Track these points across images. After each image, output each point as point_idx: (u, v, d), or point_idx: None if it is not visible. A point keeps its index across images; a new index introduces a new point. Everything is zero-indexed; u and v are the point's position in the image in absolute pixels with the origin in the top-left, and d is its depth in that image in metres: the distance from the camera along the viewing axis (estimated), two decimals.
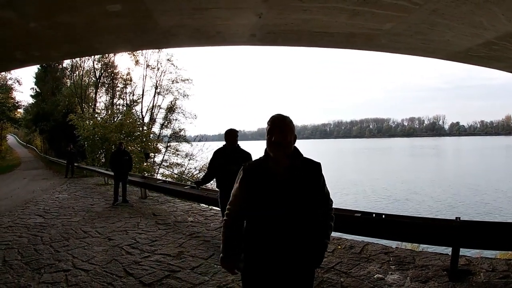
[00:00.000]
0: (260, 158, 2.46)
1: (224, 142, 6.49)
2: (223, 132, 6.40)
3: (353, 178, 38.03)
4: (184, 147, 32.89)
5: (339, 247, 6.86)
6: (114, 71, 33.31)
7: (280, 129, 2.34)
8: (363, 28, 6.61)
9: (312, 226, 2.41)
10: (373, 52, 8.46)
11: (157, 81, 32.07)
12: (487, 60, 10.14)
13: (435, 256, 6.05)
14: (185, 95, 31.89)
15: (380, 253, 6.39)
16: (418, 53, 8.99)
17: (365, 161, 65.30)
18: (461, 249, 5.14)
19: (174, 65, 31.63)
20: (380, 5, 5.57)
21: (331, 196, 2.70)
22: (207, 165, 7.30)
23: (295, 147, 2.47)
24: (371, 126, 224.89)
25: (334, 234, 6.63)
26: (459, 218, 5.23)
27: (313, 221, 2.42)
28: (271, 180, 2.31)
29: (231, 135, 6.32)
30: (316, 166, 2.51)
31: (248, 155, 6.13)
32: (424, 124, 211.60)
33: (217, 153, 6.42)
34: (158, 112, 32.76)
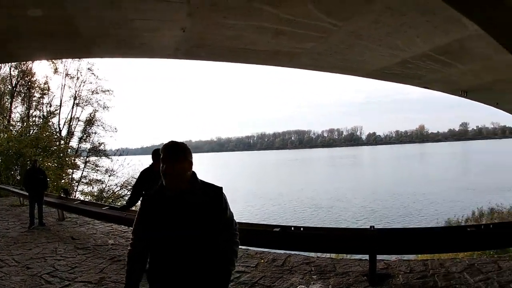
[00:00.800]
0: (159, 184, 2.43)
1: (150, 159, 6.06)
2: (145, 145, 5.95)
3: (278, 189, 38.98)
4: (104, 162, 30.87)
5: (262, 261, 6.88)
6: (32, 79, 30.28)
7: (169, 159, 2.32)
8: (287, 47, 6.77)
9: (214, 252, 2.36)
10: (297, 69, 8.74)
11: (76, 91, 29.70)
12: (402, 77, 11.13)
13: (354, 262, 6.31)
14: (105, 107, 30.03)
15: (302, 264, 6.49)
16: (338, 71, 9.52)
17: (289, 172, 67.54)
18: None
19: (94, 75, 29.60)
20: (301, 26, 5.76)
21: (235, 219, 2.63)
22: (130, 182, 6.72)
23: (193, 172, 2.42)
24: (293, 138, 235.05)
25: (256, 249, 6.85)
26: (373, 226, 5.64)
27: (215, 247, 2.37)
28: (167, 207, 2.29)
29: (159, 155, 5.80)
30: (217, 190, 2.46)
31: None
32: (343, 135, 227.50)
33: (144, 174, 5.96)
34: (77, 124, 30.37)
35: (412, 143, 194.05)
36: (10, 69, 29.73)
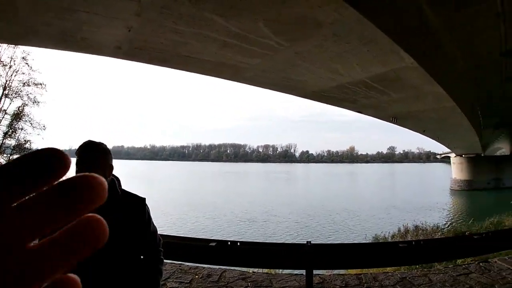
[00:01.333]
0: None
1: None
2: (75, 146, 5.33)
3: (213, 201, 38.41)
4: None
5: (197, 276, 6.63)
6: None
7: (82, 163, 1.93)
8: (232, 60, 6.78)
9: (136, 271, 2.10)
10: (239, 83, 8.76)
11: (7, 81, 26.64)
12: (338, 100, 11.68)
13: (290, 277, 6.24)
14: (35, 102, 27.29)
15: (238, 279, 6.34)
16: (279, 89, 9.73)
17: (224, 185, 67.03)
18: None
19: (28, 65, 26.84)
20: (249, 41, 5.80)
21: (159, 237, 2.33)
22: None
23: (112, 178, 2.10)
24: (228, 151, 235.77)
25: (191, 264, 6.59)
26: (310, 242, 5.70)
27: (137, 265, 2.12)
28: None
29: None
30: (140, 201, 2.20)
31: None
32: (278, 151, 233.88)
33: None
34: (3, 117, 27.22)
35: (343, 163, 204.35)
36: None
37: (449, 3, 8.80)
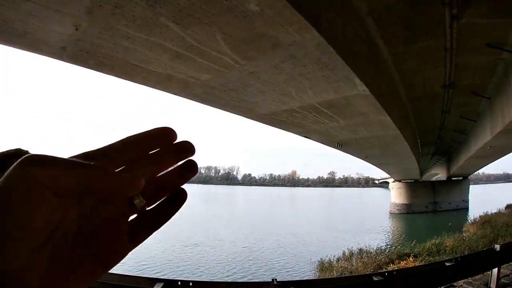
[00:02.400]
0: None
1: None
2: None
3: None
4: None
5: None
6: None
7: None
8: (182, 74, 6.49)
9: None
10: (187, 100, 8.43)
11: None
12: (287, 125, 11.72)
13: None
14: None
15: None
16: (229, 109, 9.51)
17: None
18: None
19: None
20: (203, 55, 5.58)
21: None
22: None
23: None
24: None
25: None
26: (276, 279, 5.28)
27: None
28: None
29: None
30: None
31: None
32: (220, 173, 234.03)
33: None
34: None
35: (284, 186, 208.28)
36: None
37: (400, 37, 9.29)
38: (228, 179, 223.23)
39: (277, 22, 4.54)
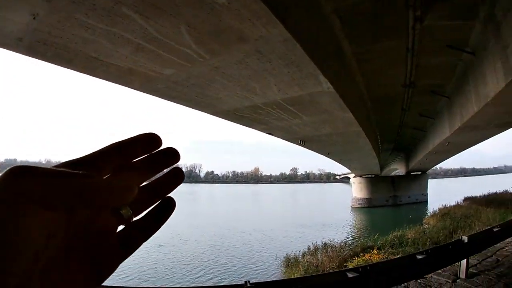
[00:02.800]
0: None
1: None
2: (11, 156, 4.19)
3: None
4: None
5: None
6: None
7: None
8: (144, 68, 6.28)
9: None
10: (150, 96, 8.16)
11: None
12: (250, 121, 11.67)
13: None
14: None
15: None
16: (192, 105, 9.33)
17: None
18: None
19: None
20: (167, 48, 5.42)
21: None
22: None
23: None
24: None
25: None
26: (249, 281, 5.19)
27: None
28: None
29: None
30: None
31: None
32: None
33: None
34: None
35: (247, 183, 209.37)
36: None
37: (363, 37, 9.46)
38: (190, 177, 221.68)
39: (244, 16, 4.47)
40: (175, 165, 0.50)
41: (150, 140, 0.47)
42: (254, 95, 8.42)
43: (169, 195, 0.50)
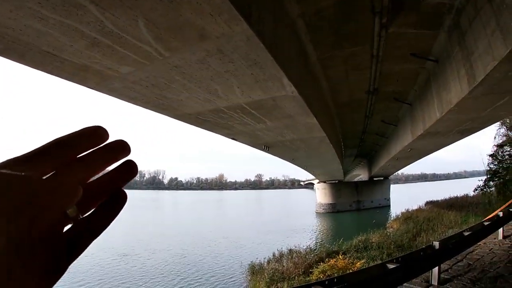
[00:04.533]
0: None
1: None
2: None
3: None
4: None
5: None
6: None
7: None
8: (99, 65, 5.99)
9: None
10: (107, 96, 7.77)
11: None
12: (213, 125, 11.42)
13: None
14: None
15: None
16: (151, 107, 8.98)
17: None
18: None
19: None
20: (123, 43, 5.18)
21: None
22: None
23: None
24: None
25: None
26: None
27: None
28: None
29: None
30: None
31: None
32: (145, 178, 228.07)
33: None
34: None
35: (212, 189, 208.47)
36: None
37: (328, 43, 9.48)
38: (153, 183, 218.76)
39: (205, 11, 4.30)
40: (127, 158, 0.48)
41: (95, 133, 0.45)
42: (217, 98, 8.22)
43: (121, 187, 0.48)
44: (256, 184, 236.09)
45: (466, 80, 8.17)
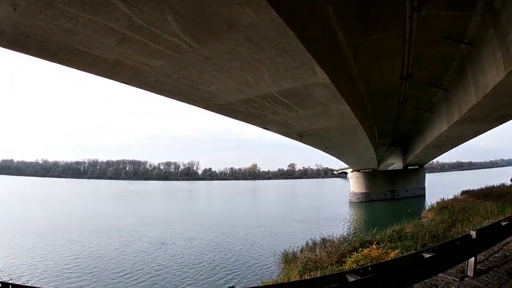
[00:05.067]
0: None
1: None
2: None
3: (118, 225, 35.38)
4: None
5: None
6: None
7: None
8: (131, 60, 6.10)
9: None
10: (139, 90, 7.93)
11: None
12: (245, 115, 11.43)
13: None
14: None
15: None
16: (183, 99, 9.09)
17: (127, 205, 62.66)
18: None
19: None
20: (154, 37, 5.22)
21: None
22: None
23: None
24: (127, 168, 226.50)
25: None
26: (233, 287, 4.97)
27: None
28: None
29: None
30: None
31: None
32: (180, 169, 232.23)
33: None
34: None
35: (246, 179, 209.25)
36: None
37: (359, 28, 9.21)
38: (188, 174, 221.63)
39: (233, 0, 4.25)
40: None
41: None
42: (248, 87, 8.20)
43: None
44: (289, 174, 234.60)
45: (502, 63, 7.75)
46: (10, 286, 5.06)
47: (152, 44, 5.39)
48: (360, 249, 14.61)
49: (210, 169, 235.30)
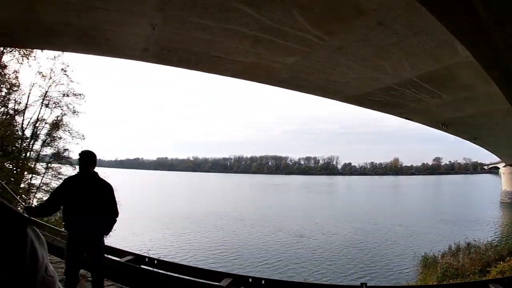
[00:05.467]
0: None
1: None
2: (120, 158, 5.19)
3: (262, 215, 38.09)
4: (68, 170, 29.07)
5: None
6: (2, 72, 28.06)
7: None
8: (266, 59, 6.44)
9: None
10: (275, 87, 8.40)
11: (46, 91, 28.06)
12: (383, 105, 10.99)
13: None
14: (75, 112, 28.32)
15: None
16: (320, 93, 9.26)
17: (269, 197, 66.57)
18: None
19: (68, 76, 28.11)
20: (284, 35, 5.43)
21: None
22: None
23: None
24: (270, 163, 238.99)
25: None
26: (366, 284, 4.89)
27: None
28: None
29: (85, 159, 4.79)
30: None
31: (108, 186, 4.77)
32: (319, 164, 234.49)
33: (68, 182, 4.85)
34: (43, 127, 28.49)
35: (387, 175, 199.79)
36: None
37: None
38: (327, 169, 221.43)
39: None
40: None
41: None
42: (385, 74, 7.90)
43: None
44: (434, 168, 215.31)
45: None
46: (147, 259, 6.16)
47: (283, 41, 5.61)
48: (508, 258, 12.97)
49: (349, 163, 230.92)
